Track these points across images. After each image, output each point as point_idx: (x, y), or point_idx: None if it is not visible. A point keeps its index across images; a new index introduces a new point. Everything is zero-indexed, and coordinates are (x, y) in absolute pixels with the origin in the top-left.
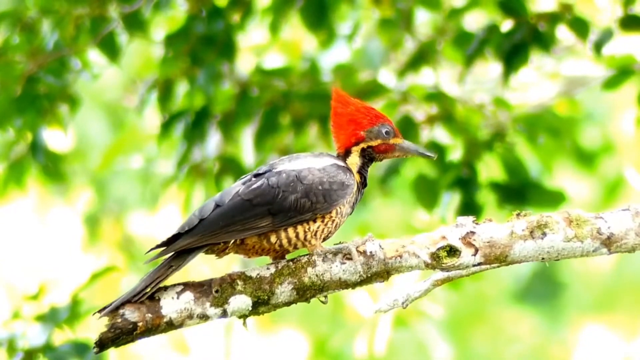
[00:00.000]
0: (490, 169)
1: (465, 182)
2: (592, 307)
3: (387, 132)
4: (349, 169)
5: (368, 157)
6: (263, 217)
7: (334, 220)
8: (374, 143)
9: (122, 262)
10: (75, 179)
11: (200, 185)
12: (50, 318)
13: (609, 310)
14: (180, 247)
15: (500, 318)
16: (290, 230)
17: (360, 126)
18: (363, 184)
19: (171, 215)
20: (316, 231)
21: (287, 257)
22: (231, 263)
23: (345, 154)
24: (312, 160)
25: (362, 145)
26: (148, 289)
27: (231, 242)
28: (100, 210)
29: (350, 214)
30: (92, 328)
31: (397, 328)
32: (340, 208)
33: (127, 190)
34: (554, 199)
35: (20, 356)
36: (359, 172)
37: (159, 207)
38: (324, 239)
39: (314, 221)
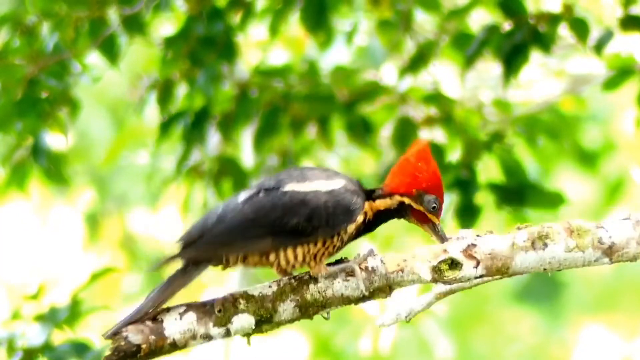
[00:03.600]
0: (488, 170)
1: (464, 183)
2: (592, 307)
3: (433, 207)
4: (359, 193)
5: (398, 211)
6: (263, 237)
7: (334, 244)
8: (415, 206)
9: (123, 261)
10: (77, 179)
11: (200, 185)
12: (50, 318)
13: (609, 310)
14: (182, 259)
15: (500, 318)
16: (290, 252)
17: (418, 185)
18: (369, 223)
19: (172, 214)
20: (315, 254)
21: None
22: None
23: (383, 195)
24: (321, 183)
25: (405, 200)
26: (154, 310)
27: (233, 258)
28: (102, 208)
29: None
30: (91, 328)
31: (402, 326)
32: (342, 232)
33: (129, 187)
34: (552, 200)
35: (20, 355)
36: (377, 213)
37: (160, 206)
38: (326, 258)
39: (315, 244)
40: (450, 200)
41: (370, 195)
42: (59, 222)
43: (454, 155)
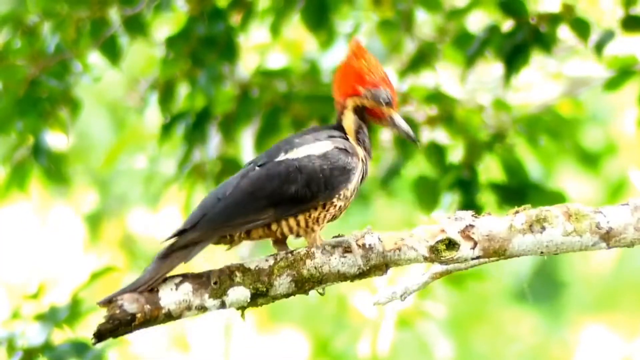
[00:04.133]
0: (490, 170)
1: (465, 184)
2: (592, 307)
3: (385, 100)
4: (350, 151)
5: (361, 118)
6: (264, 210)
7: (335, 205)
8: (367, 104)
9: (123, 261)
10: (77, 179)
11: (201, 186)
12: (50, 317)
13: (609, 310)
14: (185, 242)
15: (500, 318)
16: (291, 220)
17: (362, 82)
18: (367, 153)
19: (172, 215)
20: (317, 218)
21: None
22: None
23: (341, 113)
24: (312, 146)
25: (357, 101)
26: (152, 282)
27: (237, 235)
28: (102, 209)
29: (358, 188)
30: (91, 328)
31: (400, 328)
32: (343, 192)
33: (129, 187)
34: (554, 200)
35: (20, 355)
36: (358, 138)
37: (160, 206)
38: (330, 221)
39: (315, 209)
40: (452, 201)
41: (341, 129)
42: (59, 222)
43: (456, 155)
